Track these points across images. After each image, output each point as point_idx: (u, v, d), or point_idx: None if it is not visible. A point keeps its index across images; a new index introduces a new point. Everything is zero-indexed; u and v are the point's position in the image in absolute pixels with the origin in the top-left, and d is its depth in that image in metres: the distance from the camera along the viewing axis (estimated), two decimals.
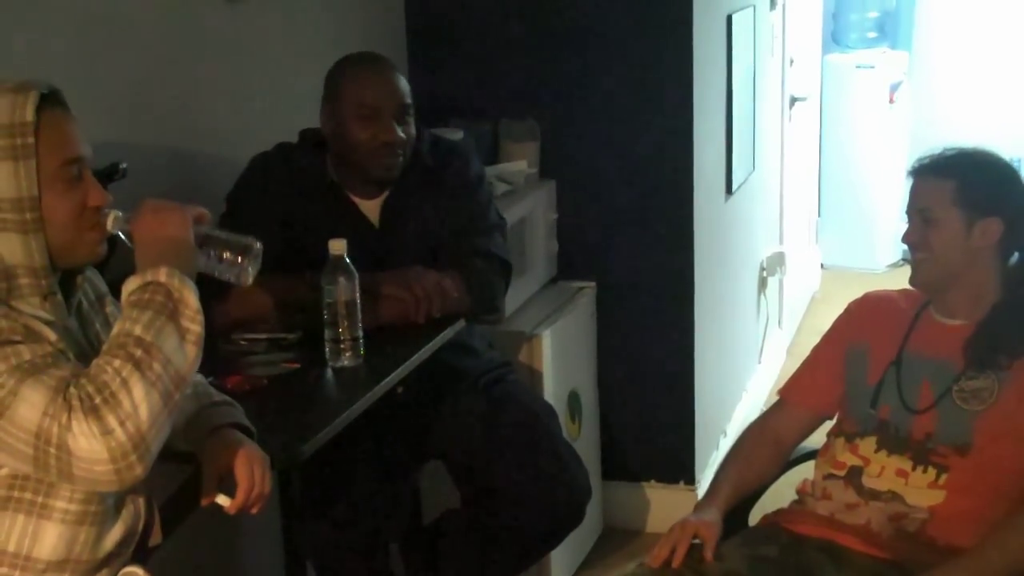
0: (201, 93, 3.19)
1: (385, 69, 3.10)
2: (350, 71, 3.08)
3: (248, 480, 2.12)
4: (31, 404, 1.80)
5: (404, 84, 3.09)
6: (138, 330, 1.86)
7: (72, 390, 1.81)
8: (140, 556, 2.12)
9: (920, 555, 2.49)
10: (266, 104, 3.44)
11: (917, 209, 2.62)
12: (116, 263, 2.13)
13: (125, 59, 2.89)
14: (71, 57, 2.71)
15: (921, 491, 2.53)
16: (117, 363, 1.83)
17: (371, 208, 3.14)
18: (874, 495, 2.57)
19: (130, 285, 1.93)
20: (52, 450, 1.80)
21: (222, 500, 2.08)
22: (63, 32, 2.71)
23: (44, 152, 1.90)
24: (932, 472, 2.53)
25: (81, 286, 2.06)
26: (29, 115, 1.89)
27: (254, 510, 2.15)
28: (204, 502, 2.14)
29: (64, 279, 2.00)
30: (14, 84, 1.92)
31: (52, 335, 1.89)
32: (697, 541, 2.57)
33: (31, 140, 1.89)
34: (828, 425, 2.83)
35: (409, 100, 3.08)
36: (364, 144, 3.03)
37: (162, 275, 1.91)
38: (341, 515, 3.03)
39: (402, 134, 3.04)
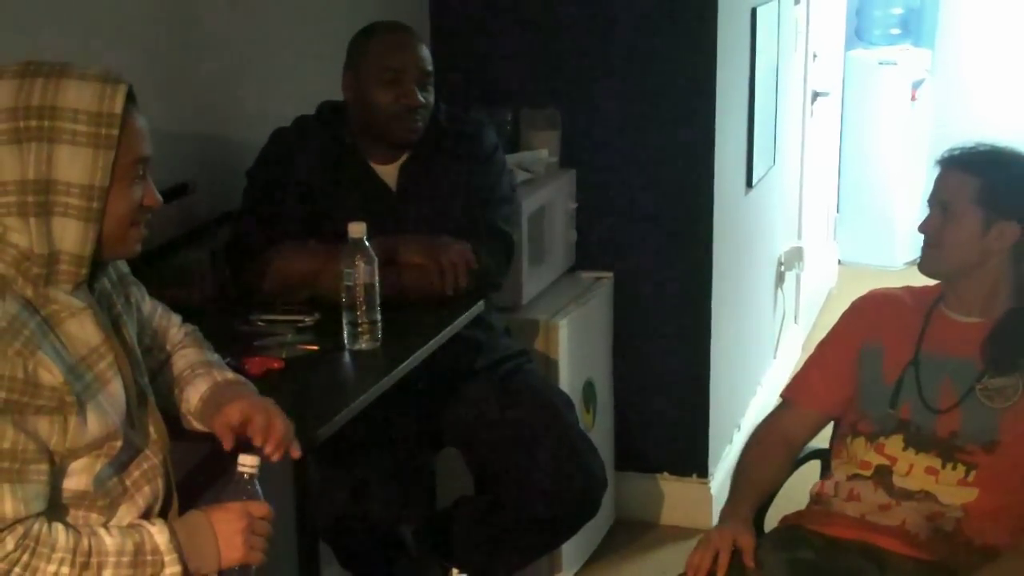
0: (218, 71, 3.19)
1: (410, 36, 3.15)
2: (376, 36, 3.12)
3: (262, 415, 2.15)
4: None
5: (427, 52, 3.14)
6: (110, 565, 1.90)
7: (8, 540, 1.81)
8: None
9: (959, 555, 2.48)
10: (286, 80, 3.44)
11: (938, 200, 2.61)
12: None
13: (139, 39, 2.89)
14: (87, 37, 2.71)
15: (952, 489, 2.52)
16: (65, 570, 1.86)
17: (389, 173, 3.15)
18: (906, 495, 2.56)
19: (158, 533, 1.95)
20: None
21: (246, 461, 2.07)
22: (85, 16, 2.71)
23: (123, 146, 1.91)
24: (961, 469, 2.52)
25: (106, 271, 2.07)
26: (118, 107, 1.89)
27: (288, 450, 2.17)
28: (227, 446, 2.13)
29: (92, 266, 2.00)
30: (99, 72, 1.92)
31: (59, 376, 1.86)
32: (733, 548, 2.54)
33: (115, 132, 1.89)
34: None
35: (431, 68, 3.12)
36: (386, 108, 3.06)
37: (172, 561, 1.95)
38: (356, 499, 3.03)
39: (422, 99, 3.08)
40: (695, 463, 4.26)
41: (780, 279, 5.35)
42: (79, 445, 1.91)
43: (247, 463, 2.07)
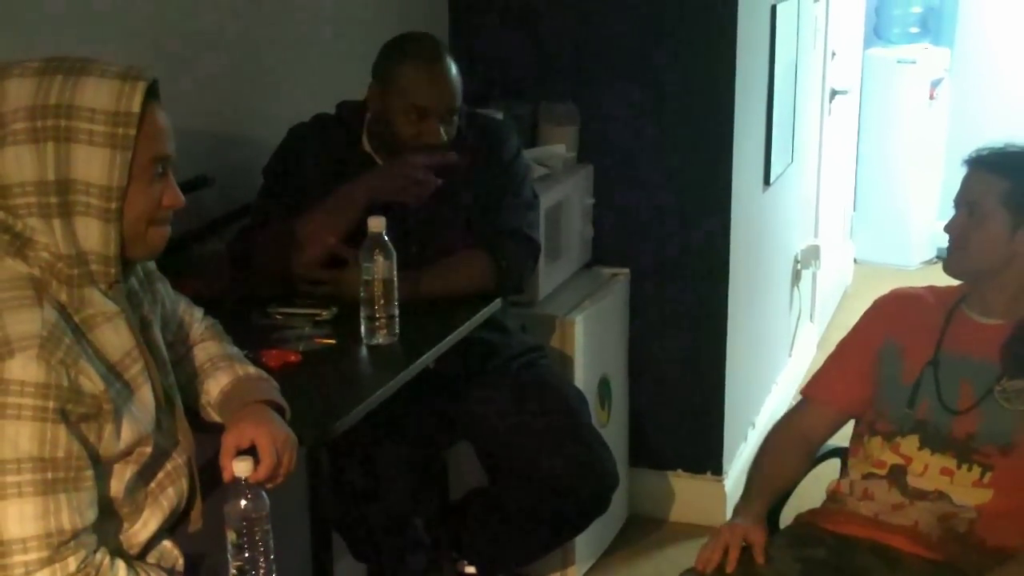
0: (236, 64, 3.19)
1: (442, 68, 3.03)
2: (409, 65, 3.01)
3: (271, 457, 2.11)
4: (20, 518, 1.80)
5: (457, 83, 3.05)
6: None
7: (71, 562, 1.82)
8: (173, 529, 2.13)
9: (971, 557, 2.47)
10: (305, 74, 3.44)
11: (966, 201, 2.59)
12: None
13: (158, 32, 2.89)
14: (109, 25, 2.72)
15: (967, 489, 2.51)
16: None
17: None
18: (920, 495, 2.55)
19: None
20: None
21: (240, 470, 2.06)
22: (99, 8, 2.71)
23: (141, 145, 1.89)
24: (977, 470, 2.51)
25: (133, 268, 2.06)
26: (136, 106, 1.87)
27: (269, 485, 2.13)
28: (226, 478, 2.09)
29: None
30: (121, 69, 1.89)
31: (99, 384, 1.86)
32: (744, 544, 2.55)
33: (133, 132, 1.87)
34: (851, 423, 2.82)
35: (459, 101, 3.06)
36: (407, 139, 3.02)
37: None
38: (369, 491, 3.04)
39: (444, 136, 3.04)
40: (709, 460, 4.26)
41: (796, 277, 5.34)
42: (112, 453, 1.91)
43: (239, 469, 2.07)
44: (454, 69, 3.06)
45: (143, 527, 2.01)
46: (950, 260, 2.64)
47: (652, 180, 4.08)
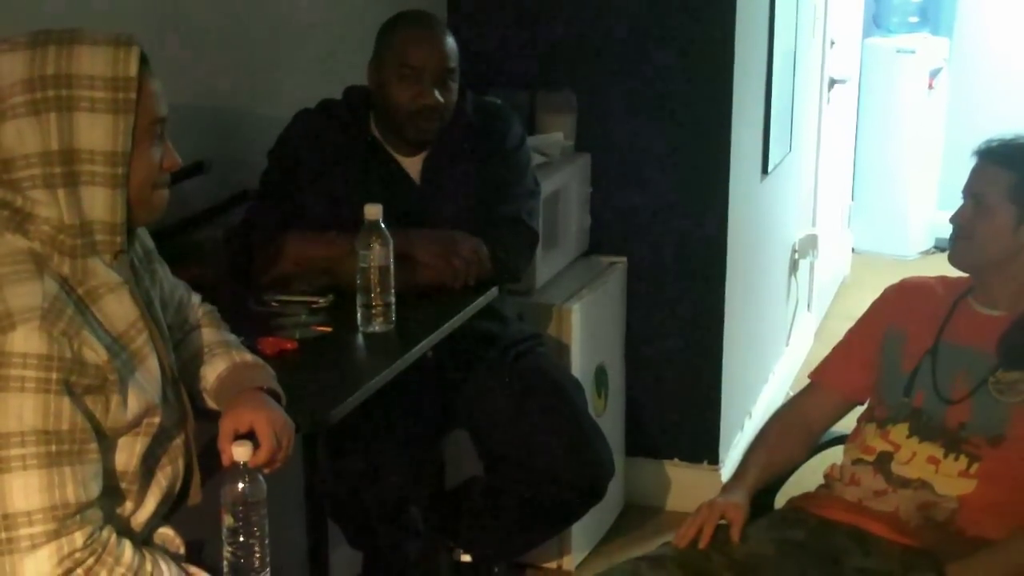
0: (237, 48, 3.18)
1: (433, 31, 3.07)
2: (400, 30, 3.06)
3: (271, 441, 2.11)
4: (25, 491, 1.81)
5: (452, 47, 3.07)
6: None
7: (77, 536, 1.82)
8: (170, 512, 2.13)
9: (948, 545, 2.47)
10: (307, 58, 3.44)
11: (972, 192, 2.60)
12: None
13: (154, 13, 2.89)
14: (109, 24, 2.69)
15: (951, 479, 2.52)
16: None
17: (412, 165, 3.14)
18: (903, 483, 2.56)
19: None
20: (1, 535, 1.81)
21: (239, 454, 2.05)
22: None
23: (140, 109, 1.90)
24: (964, 460, 2.52)
25: (133, 244, 2.06)
26: (133, 70, 1.88)
27: (267, 470, 2.13)
28: (225, 462, 2.09)
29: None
30: (110, 36, 1.91)
31: (103, 354, 1.86)
32: (724, 522, 2.57)
33: (133, 96, 1.88)
34: (858, 410, 2.82)
35: (454, 64, 3.07)
36: (403, 105, 3.02)
37: None
38: (365, 479, 3.04)
39: (441, 98, 3.03)
40: (706, 450, 4.26)
41: (794, 266, 5.33)
42: (120, 424, 1.91)
43: (239, 453, 2.06)
44: (449, 36, 3.08)
45: (142, 507, 2.02)
46: (955, 251, 2.64)
47: (650, 169, 4.08)
